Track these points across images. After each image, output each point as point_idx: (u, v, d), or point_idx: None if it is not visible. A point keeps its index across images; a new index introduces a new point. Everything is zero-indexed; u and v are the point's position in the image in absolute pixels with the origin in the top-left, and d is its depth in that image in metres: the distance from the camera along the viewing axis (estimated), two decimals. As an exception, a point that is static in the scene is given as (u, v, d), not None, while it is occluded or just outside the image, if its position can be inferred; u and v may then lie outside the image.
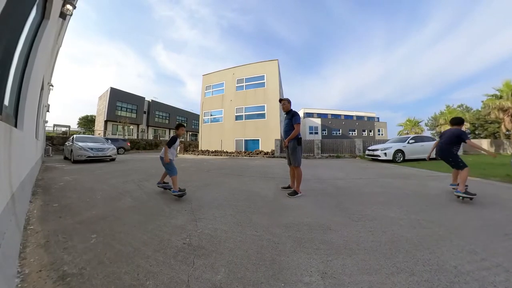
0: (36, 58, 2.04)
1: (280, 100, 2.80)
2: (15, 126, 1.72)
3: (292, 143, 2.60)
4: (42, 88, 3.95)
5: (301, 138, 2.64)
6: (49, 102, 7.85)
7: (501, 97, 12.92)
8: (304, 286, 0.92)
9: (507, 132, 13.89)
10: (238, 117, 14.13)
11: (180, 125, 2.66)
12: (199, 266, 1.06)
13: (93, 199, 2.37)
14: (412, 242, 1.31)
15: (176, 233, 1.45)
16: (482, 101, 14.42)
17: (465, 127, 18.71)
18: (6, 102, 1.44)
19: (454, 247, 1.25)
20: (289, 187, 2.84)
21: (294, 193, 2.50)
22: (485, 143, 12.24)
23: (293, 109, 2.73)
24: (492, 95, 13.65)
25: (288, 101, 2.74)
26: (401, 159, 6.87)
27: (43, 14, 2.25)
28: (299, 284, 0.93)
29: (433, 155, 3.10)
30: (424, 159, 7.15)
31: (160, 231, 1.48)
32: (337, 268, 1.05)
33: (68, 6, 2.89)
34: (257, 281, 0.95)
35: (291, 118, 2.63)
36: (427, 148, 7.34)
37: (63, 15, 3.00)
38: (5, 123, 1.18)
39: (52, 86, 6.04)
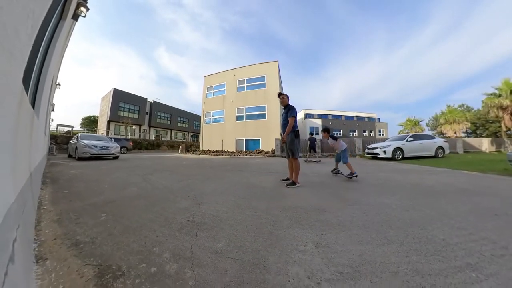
0: (53, 56, 2.18)
1: (279, 95, 2.89)
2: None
3: (290, 135, 2.69)
4: (51, 86, 4.11)
5: (298, 130, 2.73)
6: (54, 102, 8.07)
7: (500, 96, 12.93)
8: (299, 253, 0.99)
9: (508, 132, 13.82)
10: (239, 118, 14.28)
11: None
12: (202, 237, 1.15)
13: (100, 188, 2.47)
14: (404, 221, 1.38)
15: (180, 213, 1.53)
16: (482, 100, 14.41)
17: (466, 126, 18.64)
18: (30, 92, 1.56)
19: (444, 225, 1.32)
20: (287, 179, 2.91)
21: (292, 183, 2.58)
22: (486, 142, 12.18)
23: (291, 104, 2.82)
24: (491, 94, 13.66)
25: (287, 96, 2.85)
26: (400, 157, 6.90)
27: (61, 15, 2.40)
28: (294, 252, 1.01)
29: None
30: (423, 157, 7.19)
31: (165, 212, 1.57)
32: (331, 240, 1.12)
33: (82, 8, 3.05)
34: (255, 248, 1.03)
35: (288, 112, 2.73)
36: (426, 146, 7.37)
37: (76, 17, 3.16)
38: (32, 109, 1.30)
39: (59, 85, 6.23)
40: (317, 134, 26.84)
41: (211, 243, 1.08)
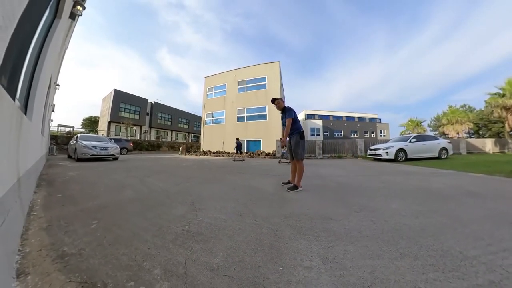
0: (47, 55, 2.12)
1: (273, 101, 2.79)
2: (25, 114, 1.77)
3: (295, 137, 2.60)
4: (49, 87, 4.07)
5: (303, 131, 2.63)
6: (54, 102, 8.05)
7: (503, 96, 12.77)
8: (304, 270, 0.90)
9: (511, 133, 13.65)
10: (239, 118, 14.22)
11: None
12: (197, 250, 1.06)
13: (96, 191, 2.39)
14: (415, 230, 1.28)
15: (176, 221, 1.44)
16: (485, 101, 14.25)
17: (468, 127, 18.45)
18: (18, 91, 1.49)
19: (458, 234, 1.22)
20: (289, 183, 2.82)
21: (294, 187, 2.48)
22: (489, 143, 12.01)
23: (287, 105, 2.71)
24: (495, 94, 13.51)
25: (281, 100, 2.76)
26: (403, 158, 6.78)
27: (55, 13, 2.34)
28: (298, 268, 0.91)
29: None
30: (427, 158, 7.07)
31: (160, 219, 1.48)
32: (339, 253, 1.03)
33: (79, 7, 3.00)
34: (255, 264, 0.94)
35: (285, 114, 2.64)
36: (430, 147, 7.24)
37: (73, 16, 3.11)
38: (17, 108, 1.23)
39: (58, 85, 6.20)
40: (318, 135, 26.78)
41: (207, 257, 0.99)
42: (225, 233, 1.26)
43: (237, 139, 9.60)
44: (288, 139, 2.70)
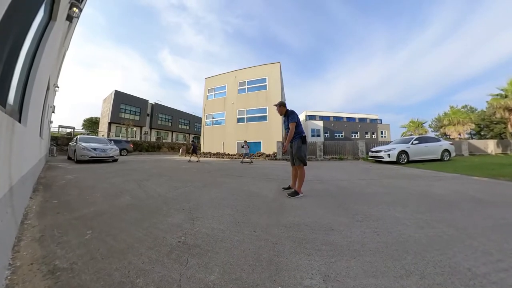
0: (42, 57, 2.09)
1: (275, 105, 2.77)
2: (19, 121, 1.74)
3: (297, 142, 2.54)
4: (48, 89, 4.05)
5: (305, 136, 2.58)
6: (55, 104, 8.05)
7: (506, 96, 12.66)
8: (304, 289, 0.85)
9: (515, 134, 13.52)
10: (240, 120, 14.19)
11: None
12: (193, 265, 1.01)
13: (93, 196, 2.36)
14: (421, 243, 1.23)
15: (172, 231, 1.40)
16: (487, 101, 14.13)
17: (470, 128, 18.27)
18: (11, 97, 1.46)
19: (466, 247, 1.17)
20: (289, 188, 2.77)
21: (295, 193, 2.43)
22: (491, 144, 11.89)
23: (289, 109, 2.67)
24: (497, 95, 13.38)
25: (280, 105, 2.70)
26: (405, 160, 6.72)
27: (50, 16, 2.32)
28: (298, 287, 0.87)
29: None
30: (429, 160, 6.99)
31: (156, 229, 1.44)
32: (341, 270, 0.98)
33: (75, 9, 2.99)
34: (253, 283, 0.89)
35: (288, 118, 2.60)
36: (432, 149, 7.17)
37: (70, 18, 3.10)
38: (8, 115, 1.19)
39: (58, 87, 6.20)
40: (318, 136, 26.69)
41: (202, 273, 0.95)
42: (222, 246, 1.22)
43: (193, 141, 10.09)
44: (289, 143, 2.65)
